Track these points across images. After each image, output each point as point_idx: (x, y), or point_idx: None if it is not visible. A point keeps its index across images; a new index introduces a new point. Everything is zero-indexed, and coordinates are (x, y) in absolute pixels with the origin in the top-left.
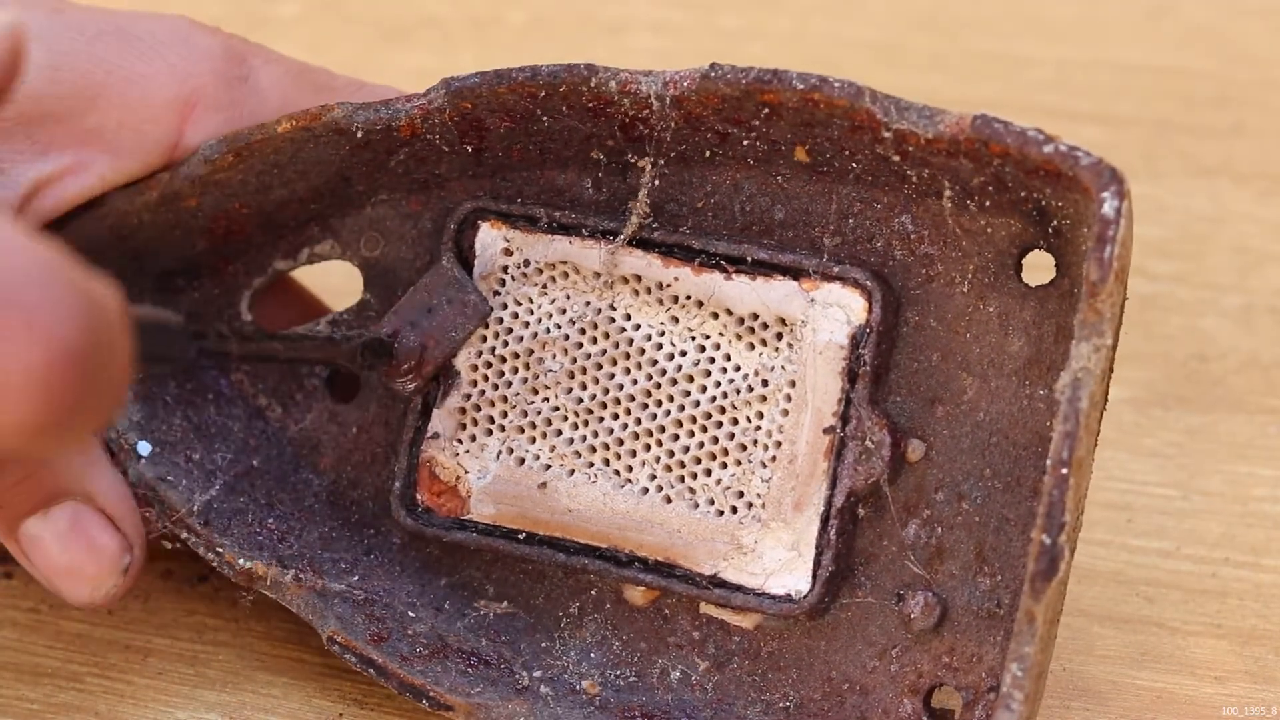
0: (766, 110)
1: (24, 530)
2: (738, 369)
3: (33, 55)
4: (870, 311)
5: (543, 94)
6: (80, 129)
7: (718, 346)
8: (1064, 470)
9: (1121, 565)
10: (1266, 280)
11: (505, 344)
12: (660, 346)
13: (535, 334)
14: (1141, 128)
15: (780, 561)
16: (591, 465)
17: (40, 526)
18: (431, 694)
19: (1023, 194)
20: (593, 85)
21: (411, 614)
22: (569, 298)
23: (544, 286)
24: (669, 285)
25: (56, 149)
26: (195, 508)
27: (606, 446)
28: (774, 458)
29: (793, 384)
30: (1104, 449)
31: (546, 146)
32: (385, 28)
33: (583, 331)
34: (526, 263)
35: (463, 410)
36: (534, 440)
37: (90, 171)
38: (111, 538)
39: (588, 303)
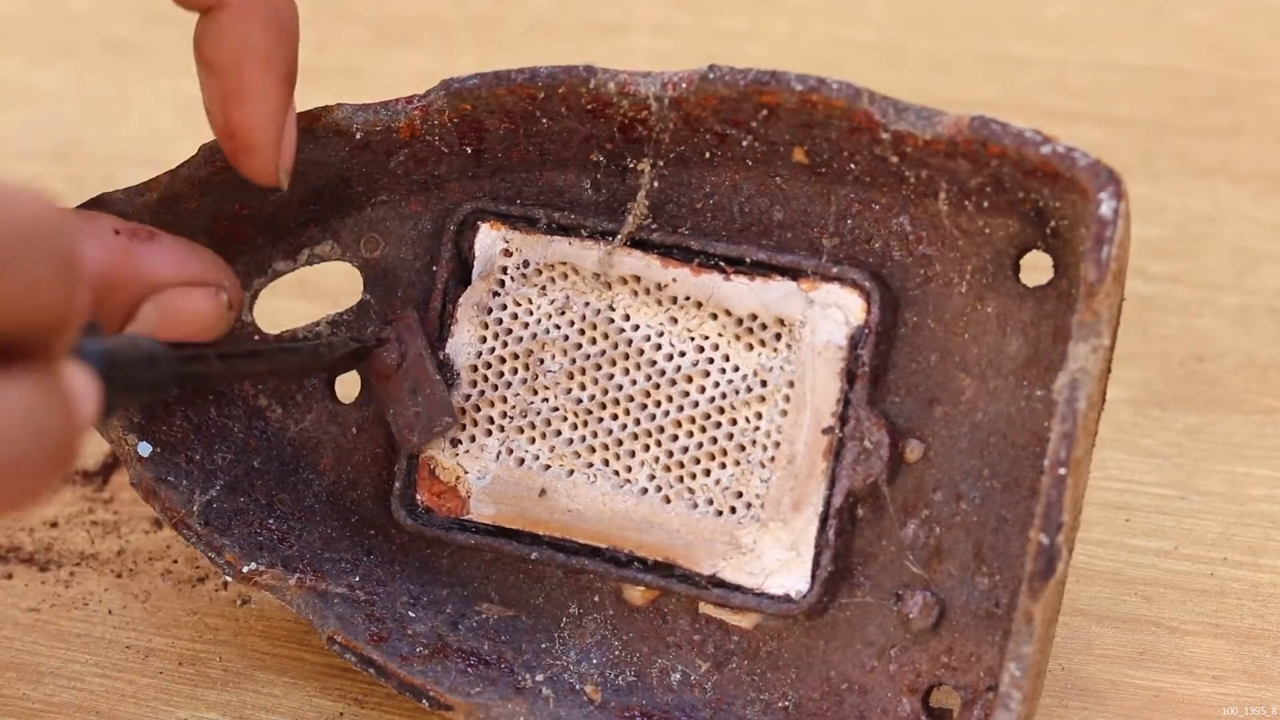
0: (765, 111)
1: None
2: (736, 369)
3: None
4: (869, 312)
5: (542, 95)
6: None
7: (716, 347)
8: (1061, 470)
9: (1120, 565)
10: (1264, 280)
11: (505, 344)
12: (659, 347)
13: (534, 334)
14: (1140, 128)
15: (779, 561)
16: (591, 465)
17: (139, 326)
18: (431, 694)
19: (1020, 195)
20: (592, 86)
21: (411, 614)
22: (568, 298)
23: (543, 287)
24: (668, 286)
25: None
26: (195, 508)
27: (606, 447)
28: (773, 458)
29: (791, 384)
30: (1102, 449)
31: (546, 148)
32: (385, 28)
33: (582, 332)
34: (526, 263)
35: (462, 410)
36: (533, 440)
37: None
38: (194, 300)
39: (587, 303)
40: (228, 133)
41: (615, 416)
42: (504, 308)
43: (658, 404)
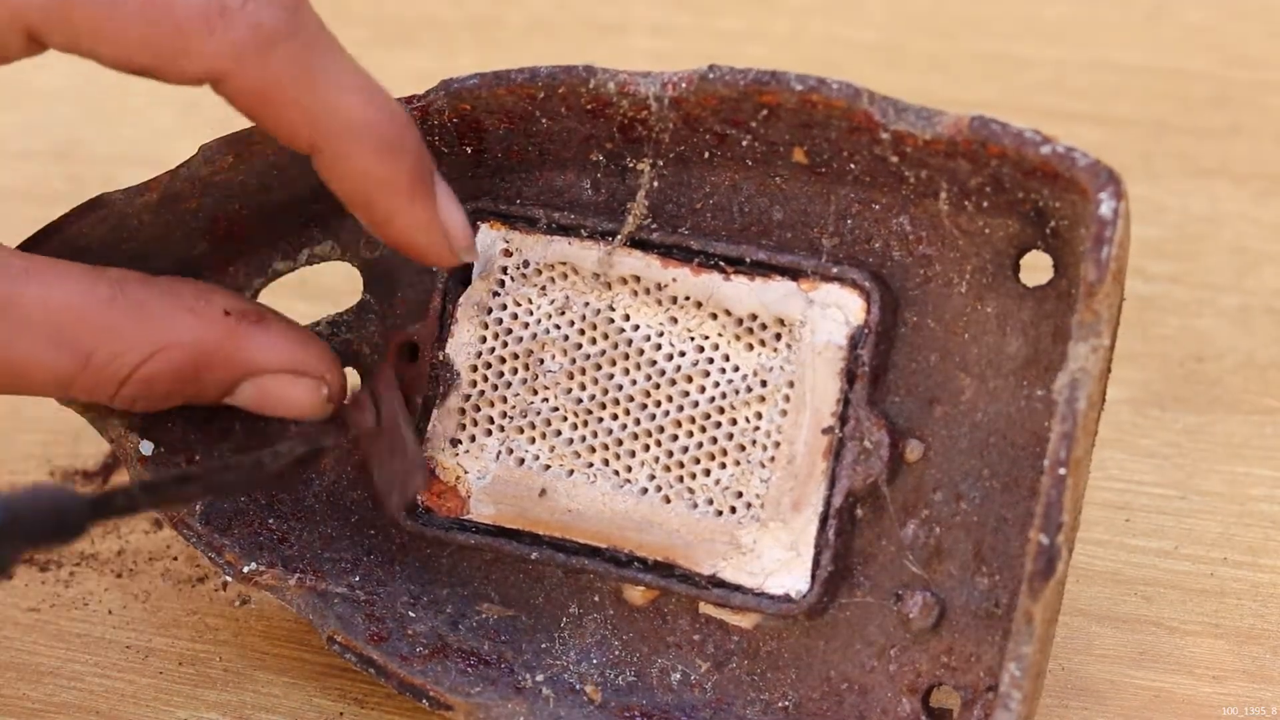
0: (765, 111)
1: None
2: (736, 369)
3: None
4: (868, 312)
5: (541, 95)
6: None
7: (716, 347)
8: (1061, 470)
9: (1120, 565)
10: (1264, 280)
11: (504, 344)
12: (659, 347)
13: (534, 334)
14: (1139, 128)
15: (779, 561)
16: (591, 465)
17: (238, 399)
18: (431, 693)
19: (1020, 195)
20: (591, 87)
21: (411, 614)
22: (568, 298)
23: (543, 287)
24: (668, 286)
25: None
26: (196, 508)
27: (606, 446)
28: (773, 458)
29: (791, 384)
30: (1102, 449)
31: (545, 148)
32: (385, 28)
33: (582, 332)
34: (526, 263)
35: (462, 410)
36: (533, 440)
37: None
38: (297, 388)
39: (587, 303)
40: (393, 243)
41: (615, 416)
42: (504, 308)
43: (658, 404)
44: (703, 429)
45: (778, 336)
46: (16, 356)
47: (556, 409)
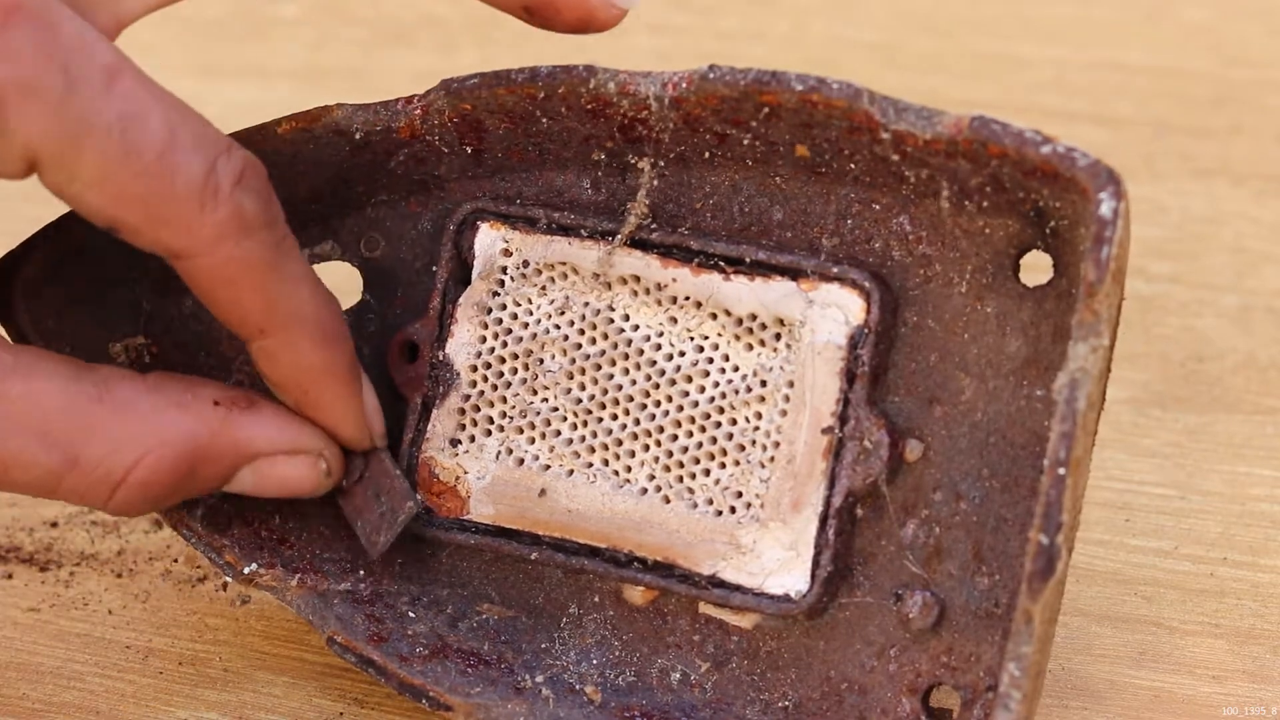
0: (765, 111)
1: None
2: (736, 369)
3: None
4: (868, 312)
5: (542, 95)
6: None
7: (716, 347)
8: (1061, 470)
9: (1120, 565)
10: (1264, 281)
11: (504, 344)
12: (659, 347)
13: (534, 334)
14: (1140, 129)
15: (779, 561)
16: (590, 465)
17: (237, 486)
18: (431, 694)
19: (1020, 195)
20: (592, 86)
21: (411, 614)
22: (568, 298)
23: (543, 287)
24: (667, 286)
25: None
26: (196, 508)
27: (605, 447)
28: (772, 458)
29: (791, 384)
30: (1102, 449)
31: (546, 147)
32: (385, 28)
33: (581, 332)
34: (525, 263)
35: (462, 411)
36: (533, 440)
37: None
38: (294, 468)
39: (587, 303)
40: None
41: (615, 416)
42: (504, 308)
43: (657, 404)
44: (702, 429)
45: (777, 336)
46: (4, 453)
47: (556, 409)
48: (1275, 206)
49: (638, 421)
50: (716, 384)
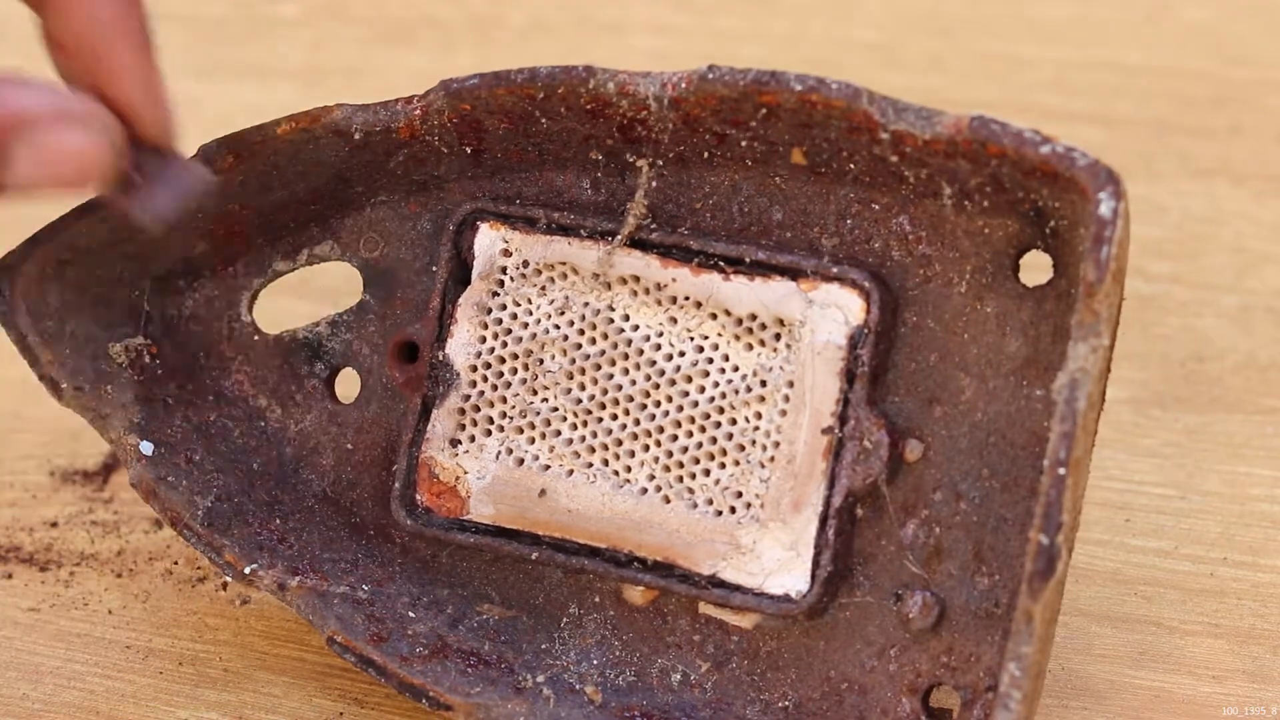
0: (765, 111)
1: (11, 181)
2: (736, 369)
3: None
4: (868, 312)
5: (541, 95)
6: None
7: (716, 347)
8: (1061, 470)
9: (1120, 565)
10: (1264, 281)
11: (504, 344)
12: (659, 347)
13: (534, 334)
14: (1139, 129)
15: (779, 561)
16: (590, 465)
17: (21, 170)
18: (431, 694)
19: (1020, 195)
20: (591, 87)
21: (412, 614)
22: (568, 298)
23: (543, 287)
24: (667, 286)
25: None
26: (196, 509)
27: (605, 447)
28: (772, 458)
29: (791, 384)
30: (1102, 449)
31: (545, 148)
32: (385, 28)
33: (581, 332)
34: (525, 264)
35: (462, 411)
36: (533, 440)
37: None
38: (76, 139)
39: (586, 303)
40: (113, 104)
41: (615, 416)
42: (503, 308)
43: (657, 404)
44: (702, 429)
45: (777, 336)
46: None
47: (556, 409)
48: (1275, 206)
49: (638, 421)
50: (716, 384)
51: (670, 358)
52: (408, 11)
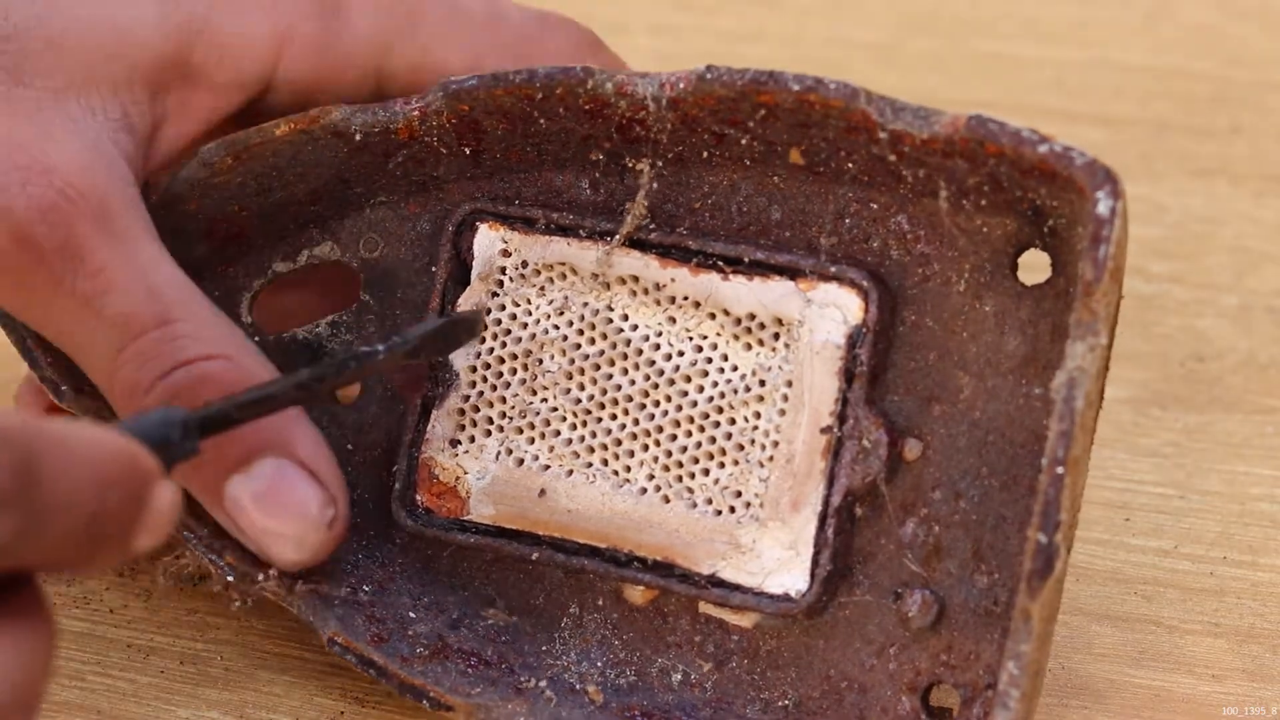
0: (763, 111)
1: (227, 493)
2: (735, 369)
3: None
4: (867, 311)
5: (540, 96)
6: (184, 69)
7: (715, 347)
8: (1059, 469)
9: (1119, 564)
10: (1264, 280)
11: (504, 345)
12: (658, 347)
13: (533, 335)
14: (1139, 129)
15: (778, 560)
16: (590, 465)
17: (241, 487)
18: (432, 694)
19: (1018, 194)
20: (589, 87)
21: (412, 614)
22: (567, 299)
23: (542, 288)
24: (666, 286)
25: (165, 90)
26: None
27: (605, 447)
28: (771, 457)
29: (790, 384)
30: (1102, 448)
31: (544, 148)
32: None
33: (580, 332)
34: (524, 264)
35: (461, 411)
36: (533, 441)
37: (195, 114)
38: (313, 491)
39: (585, 304)
40: None
41: (614, 416)
42: (503, 308)
43: (656, 404)
44: (701, 429)
45: (776, 336)
46: None
47: (556, 409)
48: (1275, 206)
49: (637, 421)
50: (715, 384)
51: (669, 357)
52: None
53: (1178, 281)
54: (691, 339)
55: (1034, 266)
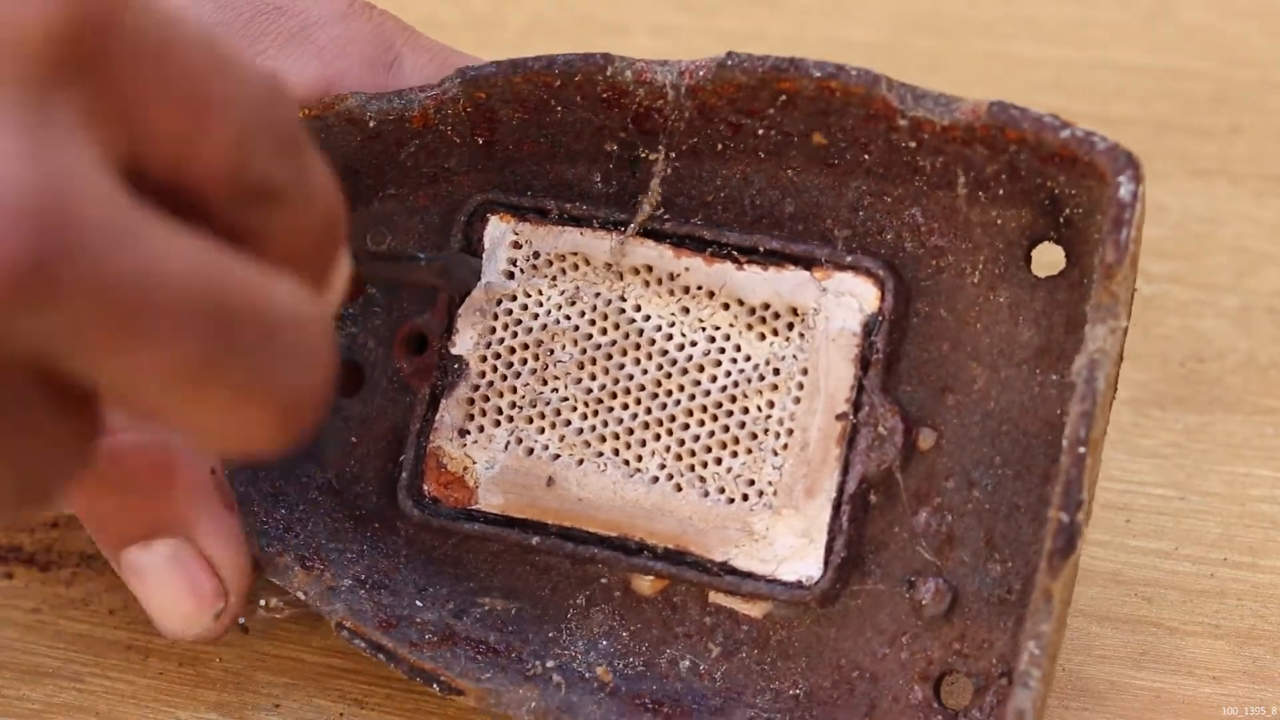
0: (783, 99)
1: (125, 556)
2: (748, 359)
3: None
4: (883, 299)
5: (558, 83)
6: None
7: (728, 337)
8: (1081, 449)
9: (1120, 565)
10: (1264, 281)
11: (514, 334)
12: (671, 337)
13: (545, 325)
14: (1139, 129)
15: (792, 548)
16: (601, 455)
17: (141, 557)
18: (443, 678)
19: (1036, 182)
20: (608, 75)
21: (419, 603)
22: (579, 289)
23: (554, 278)
24: (680, 276)
25: None
26: None
27: (616, 436)
28: (785, 445)
29: (805, 372)
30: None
31: (558, 139)
32: None
33: (592, 322)
34: (536, 255)
35: (471, 400)
36: (543, 430)
37: None
38: (208, 582)
39: (598, 294)
40: None
41: (626, 406)
42: (514, 298)
43: (669, 393)
44: (714, 418)
45: (790, 325)
46: None
47: (566, 399)
48: (1275, 206)
49: (649, 411)
50: (729, 373)
51: (682, 347)
52: (408, 12)
53: (1178, 282)
54: (705, 329)
55: (1046, 264)
